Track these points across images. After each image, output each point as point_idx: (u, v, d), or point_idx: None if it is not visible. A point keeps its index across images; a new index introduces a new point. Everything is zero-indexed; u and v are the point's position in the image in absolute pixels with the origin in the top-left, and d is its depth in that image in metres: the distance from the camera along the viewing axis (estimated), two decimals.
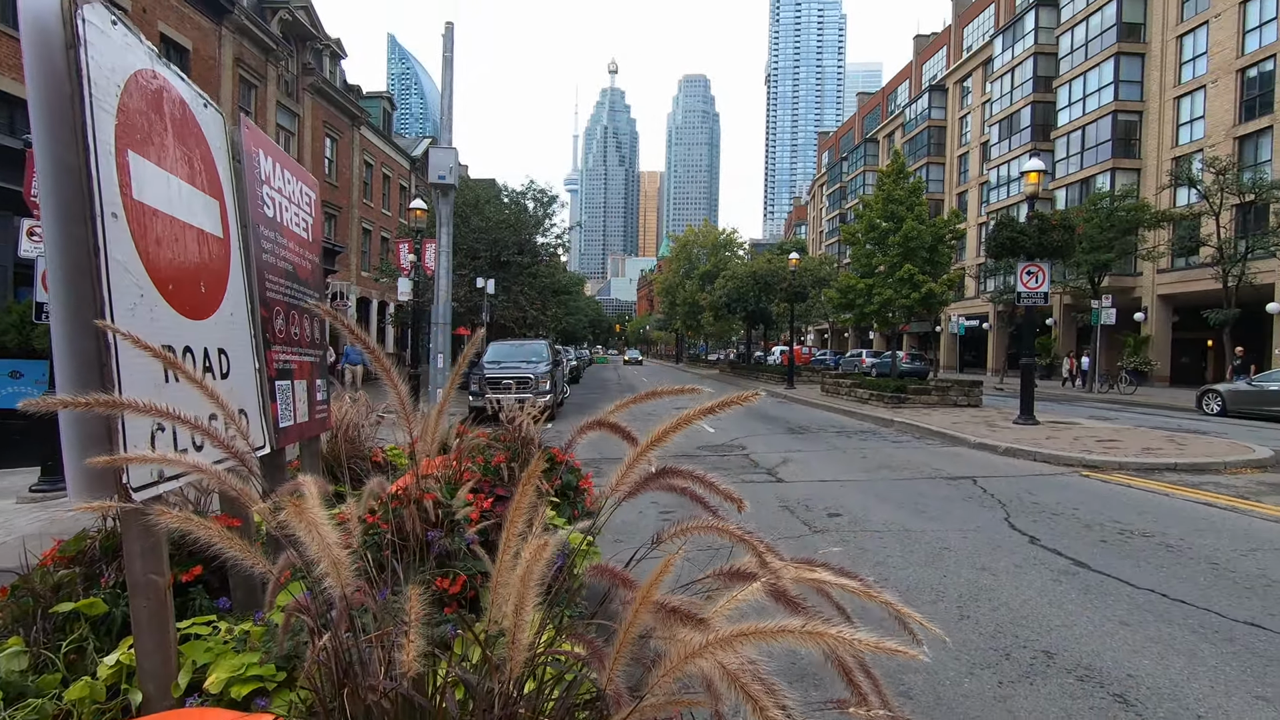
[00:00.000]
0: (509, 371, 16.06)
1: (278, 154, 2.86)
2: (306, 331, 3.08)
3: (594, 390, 28.65)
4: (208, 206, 2.20)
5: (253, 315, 2.49)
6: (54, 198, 1.60)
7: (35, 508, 7.05)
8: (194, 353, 2.02)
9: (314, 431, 3.18)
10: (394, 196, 37.04)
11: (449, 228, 12.21)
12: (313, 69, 26.95)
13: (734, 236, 47.22)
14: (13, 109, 14.03)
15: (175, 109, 2.03)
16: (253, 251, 2.53)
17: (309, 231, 3.20)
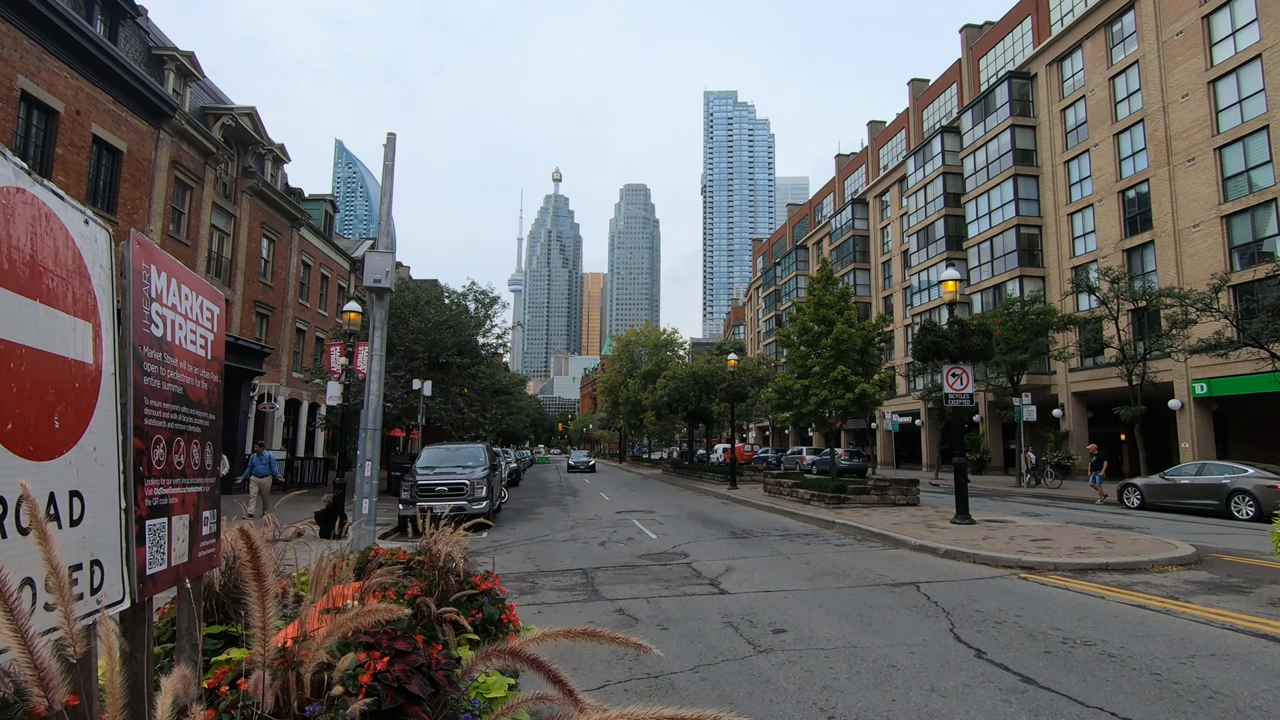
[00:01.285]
0: (443, 478, 15.40)
1: (174, 268, 2.68)
2: (194, 459, 2.79)
3: (534, 493, 27.75)
4: (75, 330, 1.99)
5: (125, 448, 2.22)
6: None
7: None
8: (32, 500, 1.74)
9: (198, 571, 2.81)
10: (331, 296, 36.54)
11: (383, 331, 11.94)
12: (253, 172, 27.00)
13: (675, 336, 48.23)
14: None
15: (43, 228, 1.86)
16: (132, 376, 2.29)
17: (208, 349, 2.97)
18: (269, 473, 15.00)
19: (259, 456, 15.09)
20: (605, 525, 16.14)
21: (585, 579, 9.59)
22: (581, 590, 8.87)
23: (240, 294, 26.56)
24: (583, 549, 12.48)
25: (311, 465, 30.07)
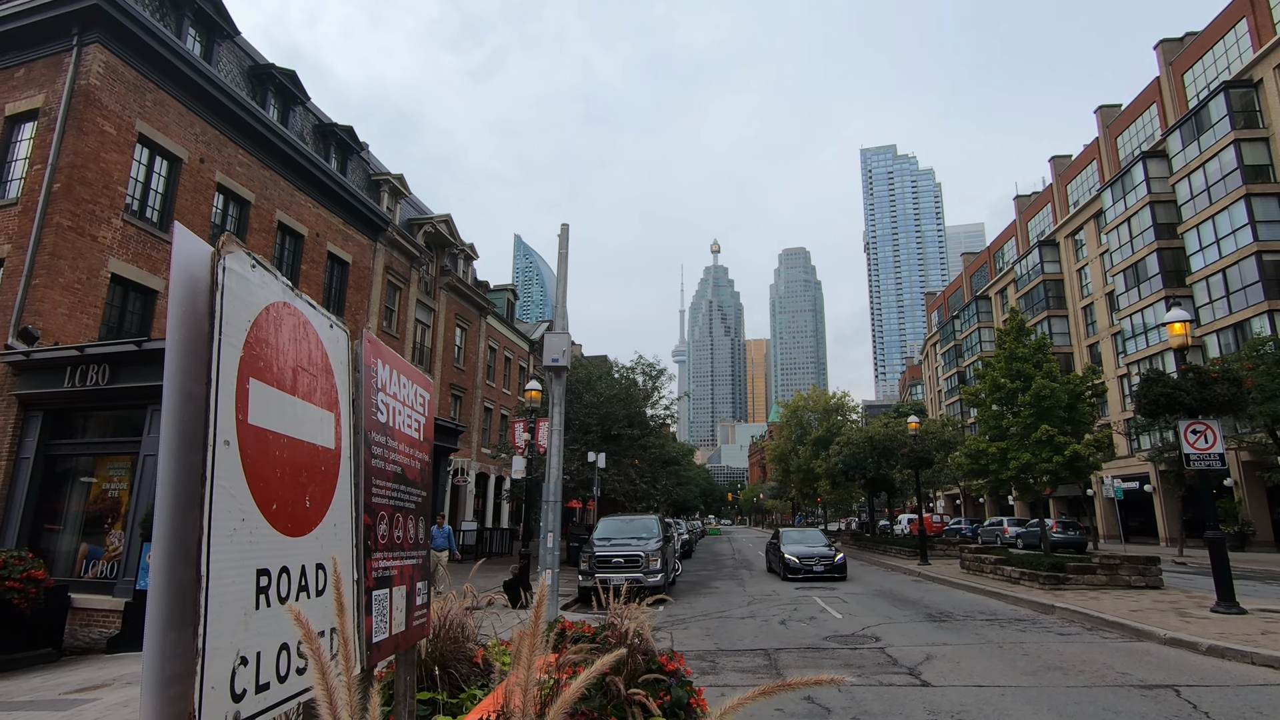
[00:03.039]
0: (619, 549, 15.61)
1: (395, 360, 3.02)
2: (410, 533, 3.05)
3: (707, 565, 27.20)
4: (323, 420, 2.28)
5: (356, 524, 2.48)
6: (175, 426, 1.68)
7: None
8: (290, 572, 1.97)
9: (412, 640, 3.03)
10: (514, 377, 39.62)
11: (561, 407, 12.64)
12: (449, 270, 30.53)
13: (846, 400, 46.07)
14: None
15: (301, 334, 2.18)
16: (363, 458, 2.57)
17: (420, 431, 3.28)
18: (446, 546, 15.57)
19: (439, 529, 15.96)
20: (785, 602, 15.33)
21: (768, 660, 9.08)
22: (765, 673, 8.39)
23: (438, 378, 29.64)
24: (763, 627, 11.89)
25: (498, 535, 32.00)
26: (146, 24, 14.74)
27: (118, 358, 12.08)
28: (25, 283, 12.90)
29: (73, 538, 12.65)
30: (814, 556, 20.18)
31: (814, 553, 20.39)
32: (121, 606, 11.25)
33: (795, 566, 20.13)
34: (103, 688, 8.37)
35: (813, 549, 20.84)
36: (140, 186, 15.20)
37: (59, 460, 12.96)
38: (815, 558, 20.12)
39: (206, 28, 17.42)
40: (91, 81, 13.89)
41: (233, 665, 1.67)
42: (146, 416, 12.17)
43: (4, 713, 7.39)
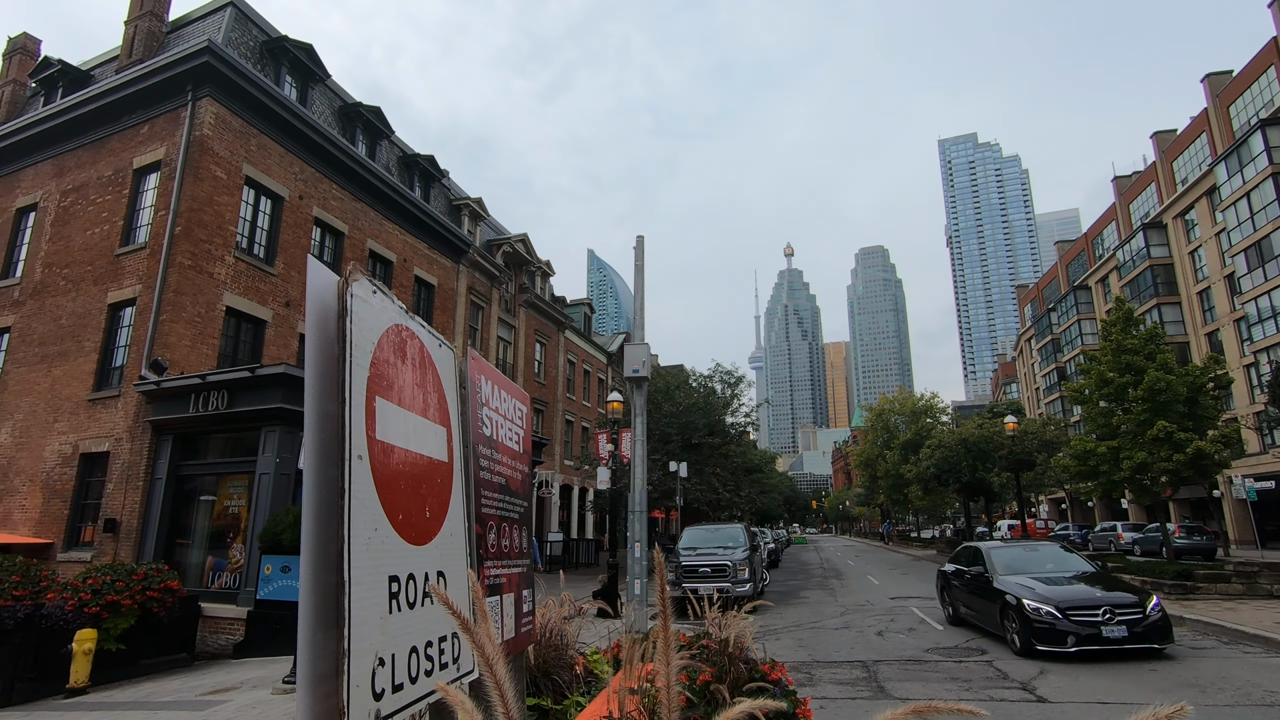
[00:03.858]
0: (705, 559, 15.51)
1: (496, 376, 3.15)
2: (515, 542, 3.15)
3: (796, 575, 26.62)
4: (437, 434, 2.40)
5: (469, 534, 2.59)
6: (316, 442, 1.81)
7: (287, 699, 7.67)
8: (415, 579, 2.09)
9: (521, 646, 3.12)
10: (593, 389, 40.19)
11: (643, 417, 12.73)
12: (527, 288, 31.39)
13: (934, 401, 44.18)
14: None
15: (416, 354, 2.31)
16: (472, 471, 2.69)
17: (520, 443, 3.40)
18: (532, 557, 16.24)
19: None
20: (879, 612, 14.80)
21: (867, 673, 8.79)
22: (864, 685, 8.12)
23: None
24: (858, 638, 11.52)
25: (584, 546, 32.42)
26: (251, 76, 15.99)
27: (235, 384, 13.08)
28: (154, 318, 14.17)
29: (200, 551, 13.73)
30: (1093, 605, 9.29)
31: (1090, 598, 9.49)
32: (244, 615, 12.10)
33: (1060, 629, 9.12)
34: (232, 690, 9.02)
35: (1079, 590, 9.86)
36: (248, 225, 16.44)
37: (186, 480, 14.12)
38: (1098, 608, 9.24)
39: (301, 74, 18.71)
40: (205, 132, 15.18)
41: (372, 666, 1.78)
42: (260, 438, 13.10)
43: (150, 712, 8.09)
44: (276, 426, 12.87)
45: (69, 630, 10.24)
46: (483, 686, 2.68)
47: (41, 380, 15.65)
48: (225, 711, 7.76)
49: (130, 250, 15.26)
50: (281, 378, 12.79)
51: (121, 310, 15.13)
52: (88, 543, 14.07)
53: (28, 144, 17.86)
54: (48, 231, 16.89)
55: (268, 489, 12.73)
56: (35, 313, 16.36)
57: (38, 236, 17.06)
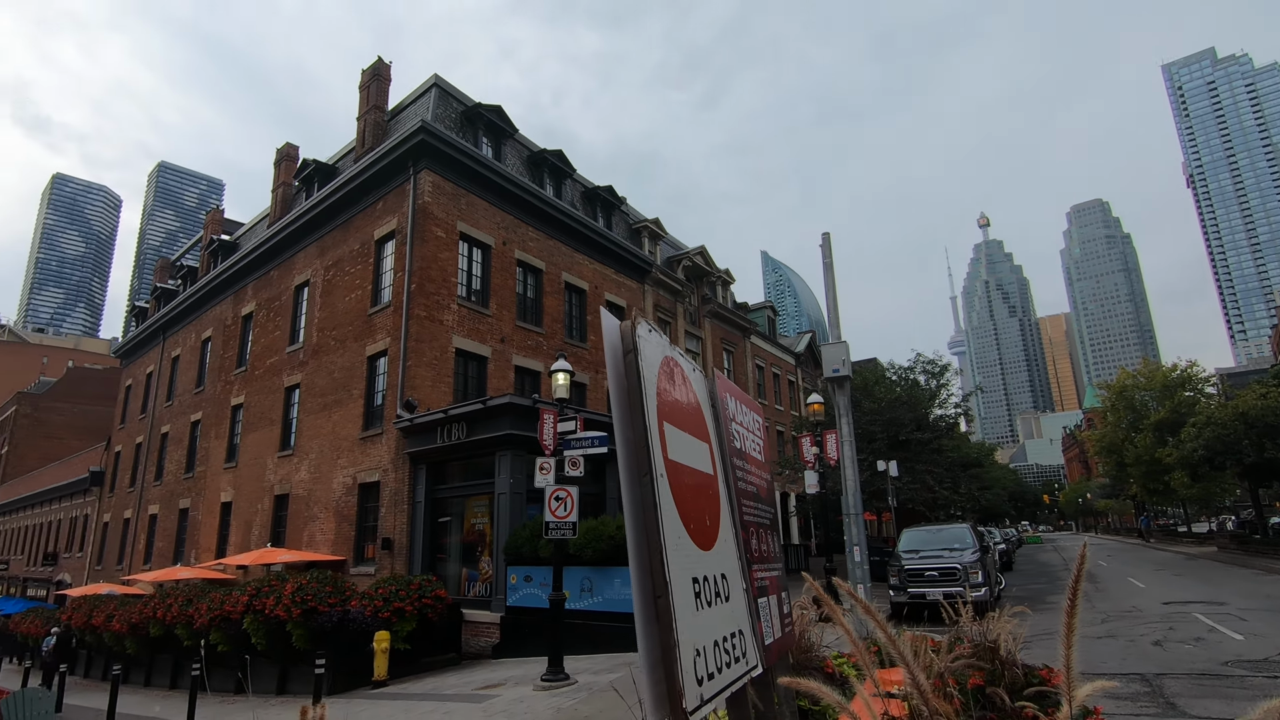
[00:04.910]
0: (930, 562, 14.61)
1: (736, 393, 3.37)
2: (770, 547, 3.33)
3: (1036, 578, 23.98)
4: (703, 451, 2.66)
5: (737, 539, 2.81)
6: (623, 463, 2.13)
7: (548, 695, 8.55)
8: (708, 580, 2.34)
9: (786, 646, 3.28)
10: (784, 392, 39.63)
11: (849, 417, 12.38)
12: (709, 299, 31.90)
13: (1193, 371, 37.49)
14: (522, 378, 19.53)
15: (681, 379, 2.59)
16: (731, 481, 2.92)
17: (762, 453, 3.59)
18: None
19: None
20: (1152, 619, 12.89)
21: (1149, 687, 7.75)
22: (1148, 700, 7.19)
23: None
24: (1130, 648, 10.16)
25: (790, 552, 31.91)
26: (457, 144, 18.20)
27: (471, 415, 14.85)
28: (403, 365, 16.56)
29: (456, 564, 15.69)
30: None
31: None
32: (498, 620, 13.60)
33: None
34: (499, 686, 10.20)
35: None
36: (465, 274, 18.62)
37: (439, 502, 16.23)
38: None
39: (494, 133, 20.88)
40: (425, 200, 17.52)
41: (692, 656, 2.04)
42: (495, 462, 14.71)
43: (440, 701, 9.42)
44: (508, 451, 14.38)
45: (368, 632, 12.24)
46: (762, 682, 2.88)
47: (325, 425, 18.92)
48: (498, 704, 8.81)
49: (379, 309, 17.99)
50: (508, 407, 14.29)
51: (377, 360, 17.86)
52: (370, 559, 16.67)
53: (297, 232, 21.84)
54: (318, 302, 20.47)
55: (506, 507, 14.25)
56: (315, 370, 19.86)
57: (311, 307, 20.74)
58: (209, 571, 19.36)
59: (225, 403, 24.00)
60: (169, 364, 29.48)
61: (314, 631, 12.17)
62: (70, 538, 37.28)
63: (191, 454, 25.63)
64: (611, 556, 12.16)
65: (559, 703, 8.02)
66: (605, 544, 12.09)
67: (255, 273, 24.21)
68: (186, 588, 16.77)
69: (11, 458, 58.69)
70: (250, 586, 13.58)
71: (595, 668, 10.27)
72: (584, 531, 11.98)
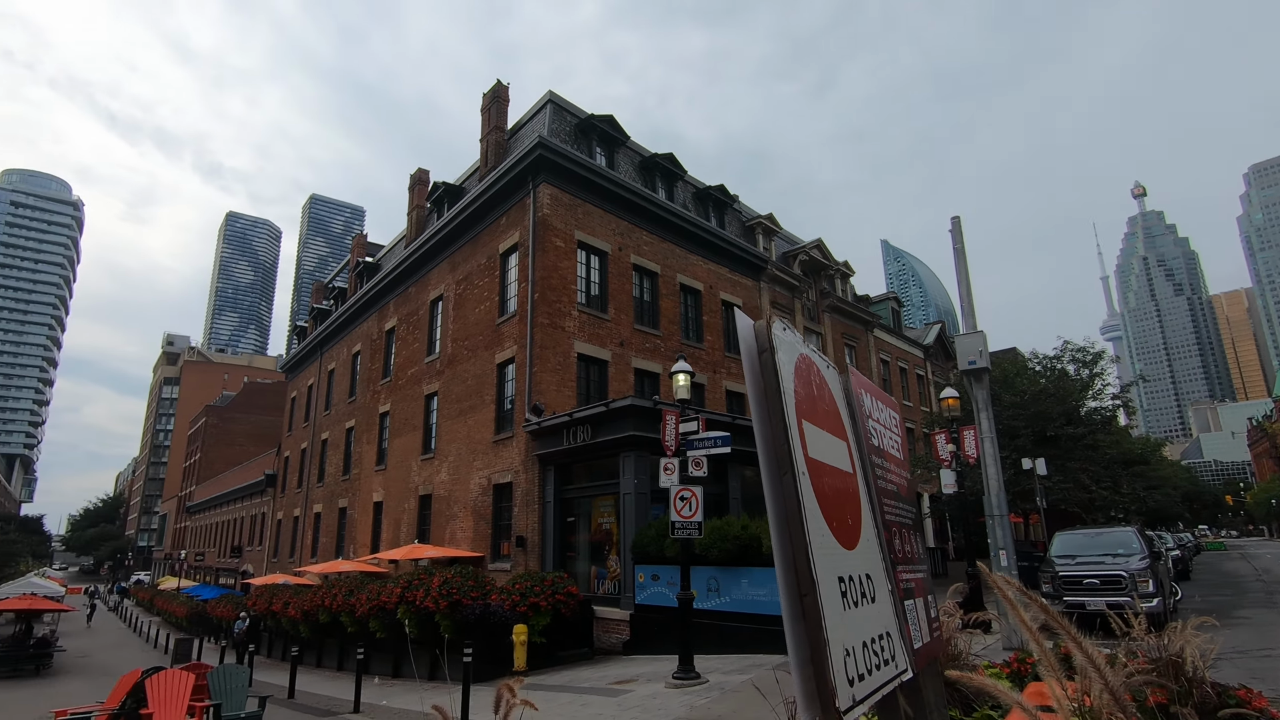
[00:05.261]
0: (1090, 569, 13.35)
1: (872, 389, 3.28)
2: (913, 548, 3.20)
3: (1220, 589, 21.21)
4: (841, 448, 2.62)
5: (879, 539, 2.74)
6: (764, 462, 2.14)
7: (680, 693, 8.64)
8: (853, 579, 2.30)
9: (934, 652, 3.15)
10: (912, 386, 37.65)
11: (988, 411, 11.60)
12: (828, 293, 30.92)
13: None
14: (642, 380, 19.85)
15: (815, 377, 2.56)
16: (870, 479, 2.84)
17: (900, 451, 3.46)
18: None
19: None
20: None
21: None
22: None
23: None
24: None
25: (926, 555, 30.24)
26: (573, 157, 18.85)
27: (594, 418, 15.30)
28: (529, 371, 17.34)
29: (585, 562, 16.20)
30: None
31: None
32: (627, 617, 13.90)
33: None
34: (631, 682, 10.43)
35: None
36: (583, 281, 19.22)
37: (567, 502, 16.84)
38: None
39: (607, 142, 21.42)
40: (545, 212, 18.27)
41: (843, 656, 2.01)
42: (619, 463, 15.06)
43: (577, 694, 9.77)
44: (631, 452, 14.68)
45: (507, 625, 12.92)
46: (911, 687, 2.79)
47: (461, 429, 20.17)
48: (632, 700, 9.02)
49: (505, 319, 18.96)
50: (630, 409, 14.59)
51: (506, 367, 18.83)
52: (506, 555, 17.58)
53: (431, 251, 23.46)
54: (451, 314, 21.89)
55: (631, 507, 14.56)
56: (451, 378, 21.23)
57: (445, 319, 22.21)
58: (366, 565, 21.20)
59: (374, 410, 26.20)
60: (326, 376, 32.61)
61: (459, 622, 13.01)
62: (251, 533, 42.13)
63: (347, 458, 28.18)
64: (738, 557, 12.10)
65: (691, 700, 8.09)
66: (731, 544, 12.05)
67: (395, 290, 26.26)
68: (348, 579, 18.48)
69: (203, 463, 67.20)
70: (402, 579, 14.75)
71: (725, 667, 10.26)
72: (709, 531, 12.01)
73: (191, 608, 35.65)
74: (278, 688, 14.04)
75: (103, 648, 31.44)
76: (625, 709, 8.41)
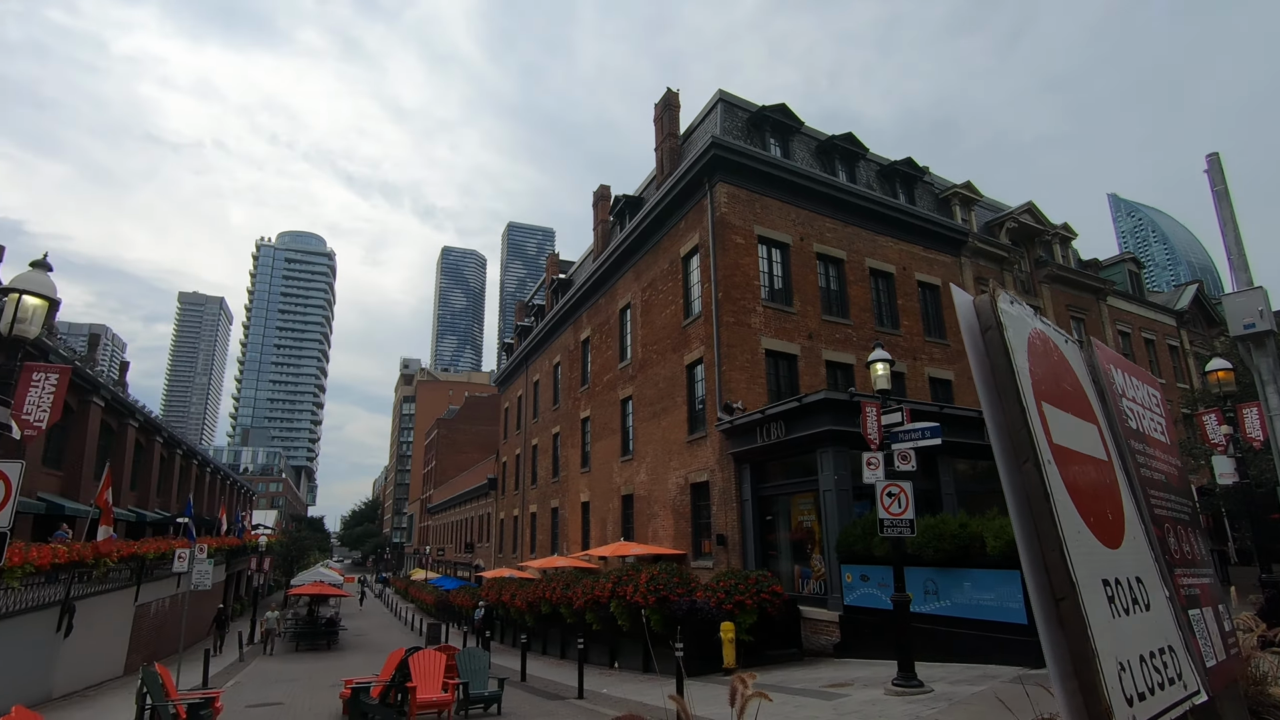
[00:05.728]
0: None
1: (1122, 363, 2.83)
2: (1194, 548, 2.71)
3: None
4: (1090, 432, 2.29)
5: (1149, 536, 2.35)
6: (998, 450, 1.94)
7: (902, 701, 8.13)
8: (1120, 583, 1.99)
9: (1235, 672, 2.64)
10: (1163, 360, 32.07)
11: (1277, 384, 9.49)
12: (1045, 261, 27.41)
13: None
14: (834, 373, 19.08)
15: (1052, 354, 2.27)
16: (1130, 468, 2.46)
17: (1165, 434, 2.95)
18: None
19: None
20: None
21: None
22: None
23: None
24: None
25: None
26: (747, 152, 18.70)
27: (787, 414, 14.98)
28: (718, 370, 17.44)
29: (787, 560, 15.89)
30: None
31: None
32: (836, 619, 13.39)
33: None
34: (846, 686, 10.02)
35: None
36: (766, 276, 18.92)
37: (764, 500, 16.65)
38: None
39: (781, 132, 20.94)
40: (723, 211, 18.29)
41: (1115, 670, 1.75)
42: (817, 459, 14.59)
43: (791, 695, 9.60)
44: (829, 447, 14.15)
45: (713, 622, 13.06)
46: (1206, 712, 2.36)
47: (655, 431, 20.83)
48: (849, 704, 8.65)
49: (691, 321, 19.26)
50: (824, 403, 14.08)
51: (694, 368, 19.11)
52: (707, 553, 17.79)
53: (616, 262, 24.56)
54: (639, 321, 22.72)
55: (832, 504, 14.02)
56: (643, 382, 22.02)
57: (634, 326, 23.10)
58: (578, 561, 22.67)
59: (576, 417, 27.98)
60: (532, 387, 35.48)
61: (667, 617, 13.41)
62: (480, 530, 47.04)
63: (556, 461, 30.39)
64: (956, 558, 11.14)
65: (916, 710, 7.57)
66: (948, 544, 11.12)
67: (587, 303, 27.85)
68: (563, 574, 19.88)
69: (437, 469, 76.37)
70: (612, 575, 15.55)
71: (951, 677, 9.48)
72: (922, 530, 11.20)
73: (437, 596, 40.69)
74: (511, 671, 15.48)
75: (374, 628, 36.97)
76: (843, 714, 8.09)
